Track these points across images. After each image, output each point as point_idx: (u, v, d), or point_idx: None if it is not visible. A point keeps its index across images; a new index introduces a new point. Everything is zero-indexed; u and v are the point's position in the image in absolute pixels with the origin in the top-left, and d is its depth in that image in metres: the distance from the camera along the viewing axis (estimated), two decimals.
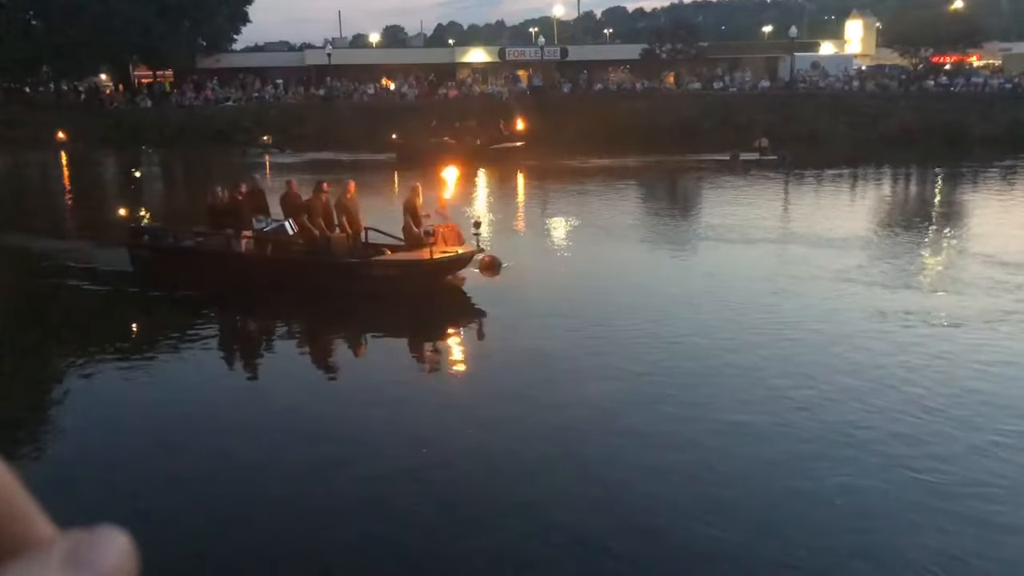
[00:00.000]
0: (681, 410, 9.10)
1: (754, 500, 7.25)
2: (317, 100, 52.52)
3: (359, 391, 10.16)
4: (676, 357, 10.88)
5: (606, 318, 12.64)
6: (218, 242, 15.06)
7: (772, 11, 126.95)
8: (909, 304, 13.19)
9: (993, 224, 20.81)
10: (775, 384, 9.77)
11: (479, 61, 63.52)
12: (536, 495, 7.33)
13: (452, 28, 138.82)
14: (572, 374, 10.27)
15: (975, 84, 47.39)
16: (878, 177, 32.24)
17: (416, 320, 13.23)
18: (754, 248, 17.82)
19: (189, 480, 7.79)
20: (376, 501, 7.27)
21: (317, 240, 14.52)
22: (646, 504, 7.23)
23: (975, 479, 7.48)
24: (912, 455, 7.91)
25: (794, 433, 8.48)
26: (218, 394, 10.20)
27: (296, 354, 12.26)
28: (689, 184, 30.29)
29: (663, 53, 52.56)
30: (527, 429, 8.69)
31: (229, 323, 13.97)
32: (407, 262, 14.16)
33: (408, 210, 14.95)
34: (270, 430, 8.88)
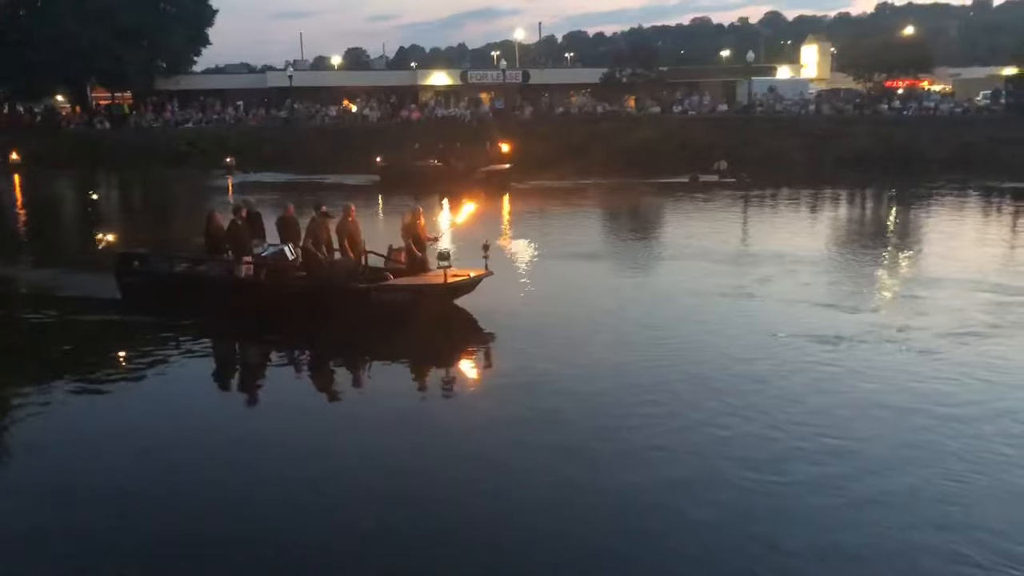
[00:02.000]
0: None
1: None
2: (278, 122, 52.34)
3: (366, 420, 9.86)
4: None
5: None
6: (217, 268, 14.59)
7: (730, 36, 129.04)
8: (832, 320, 13.39)
9: (942, 245, 21.35)
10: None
11: (441, 84, 63.83)
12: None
13: (414, 51, 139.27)
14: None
15: (927, 108, 48.59)
16: (834, 198, 32.79)
17: (425, 345, 12.65)
18: (717, 265, 18.06)
19: (178, 511, 7.61)
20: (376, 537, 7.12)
21: (322, 265, 14.03)
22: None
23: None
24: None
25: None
26: (219, 424, 9.78)
27: (301, 383, 11.74)
28: (653, 206, 30.58)
29: (623, 77, 53.22)
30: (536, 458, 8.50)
31: (229, 352, 13.41)
32: (421, 286, 13.80)
33: (409, 233, 14.68)
34: (269, 461, 8.64)
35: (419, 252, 14.55)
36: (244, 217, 14.69)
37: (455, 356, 12.34)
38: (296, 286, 14.02)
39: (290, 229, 14.93)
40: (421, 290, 13.69)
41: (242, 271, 14.28)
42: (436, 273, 13.49)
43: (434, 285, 13.48)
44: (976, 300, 14.55)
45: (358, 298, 13.56)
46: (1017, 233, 24.01)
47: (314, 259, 14.03)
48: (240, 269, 14.27)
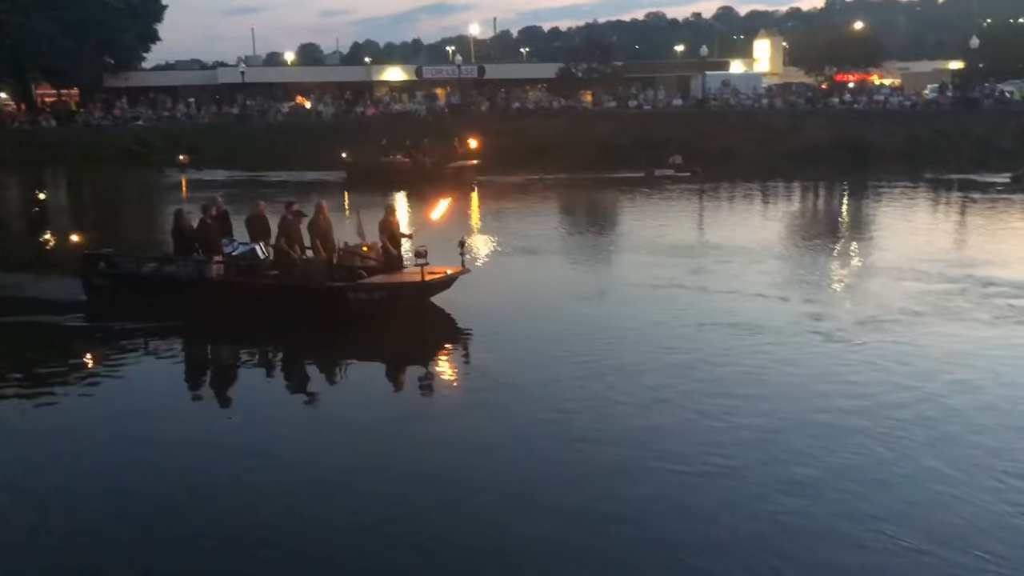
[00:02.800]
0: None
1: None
2: (231, 119, 51.61)
3: (341, 421, 9.75)
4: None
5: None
6: (187, 268, 14.32)
7: (684, 31, 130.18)
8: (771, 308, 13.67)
9: (885, 236, 21.92)
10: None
11: (396, 79, 63.45)
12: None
13: (368, 46, 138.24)
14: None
15: (877, 101, 49.33)
16: (788, 191, 33.23)
17: (400, 343, 12.54)
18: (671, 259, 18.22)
19: (146, 517, 7.47)
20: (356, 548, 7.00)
21: (296, 264, 13.83)
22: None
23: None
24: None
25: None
26: (188, 428, 9.59)
27: (274, 384, 11.60)
28: (608, 202, 30.70)
29: (579, 72, 53.34)
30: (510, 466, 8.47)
31: (200, 354, 13.18)
32: (397, 284, 13.67)
33: (384, 231, 14.55)
34: (242, 464, 8.50)
35: (394, 249, 14.42)
36: (214, 215, 14.45)
37: (432, 354, 12.28)
38: (269, 285, 13.83)
39: (260, 227, 14.70)
40: (398, 288, 13.55)
41: (212, 271, 14.02)
42: (413, 271, 13.39)
43: (411, 283, 13.36)
44: (907, 290, 14.92)
45: (334, 297, 13.39)
46: (957, 224, 24.54)
47: (287, 258, 13.84)
48: (210, 269, 14.01)
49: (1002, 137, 40.64)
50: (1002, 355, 11.34)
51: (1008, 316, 13.18)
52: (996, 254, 18.55)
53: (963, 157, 38.24)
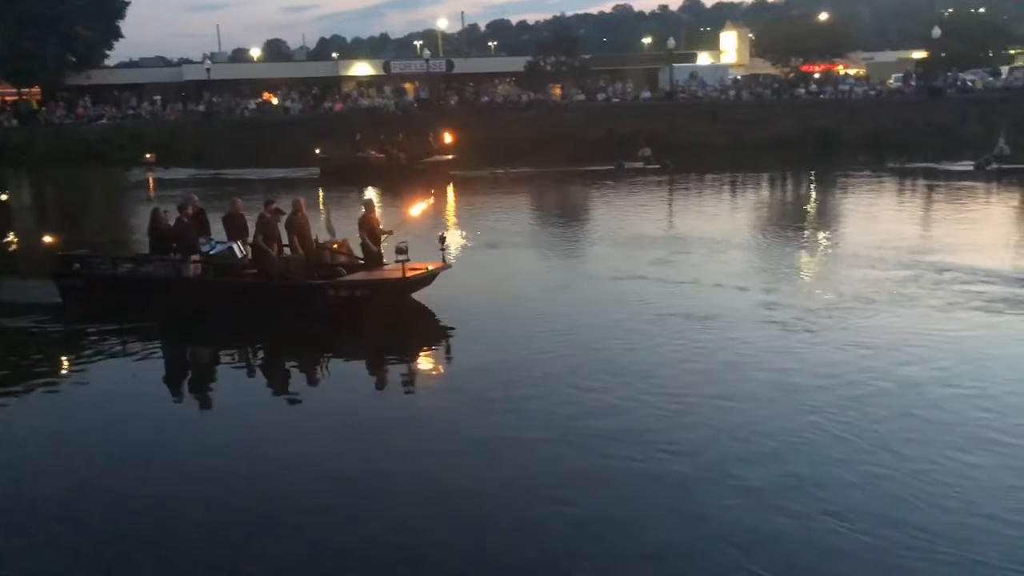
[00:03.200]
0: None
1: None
2: (197, 116, 51.06)
3: (321, 421, 9.63)
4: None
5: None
6: (163, 267, 14.11)
7: (651, 23, 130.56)
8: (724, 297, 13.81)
9: (848, 225, 22.30)
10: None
11: (364, 74, 63.13)
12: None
13: (335, 42, 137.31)
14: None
15: (842, 91, 49.80)
16: (755, 182, 33.47)
17: (382, 340, 12.49)
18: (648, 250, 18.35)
19: (116, 527, 7.35)
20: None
21: (274, 262, 13.68)
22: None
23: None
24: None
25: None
26: (168, 431, 9.48)
27: (255, 384, 11.43)
28: (578, 195, 30.78)
29: (547, 65, 53.35)
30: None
31: (178, 355, 12.97)
32: (378, 281, 13.56)
33: (364, 228, 14.45)
34: (220, 465, 8.42)
35: (374, 246, 14.33)
36: (190, 214, 14.26)
37: (413, 352, 12.24)
38: (248, 284, 13.69)
39: (238, 226, 14.56)
40: (379, 285, 13.45)
41: (190, 270, 13.86)
42: (393, 267, 13.30)
43: (392, 280, 13.29)
44: (864, 277, 15.17)
45: (314, 295, 13.29)
46: (919, 212, 24.89)
47: (266, 256, 13.71)
48: (188, 268, 13.85)
49: (965, 125, 41.18)
50: (949, 340, 11.52)
51: (959, 302, 13.39)
52: (954, 241, 18.79)
53: (927, 146, 38.71)
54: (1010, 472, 7.75)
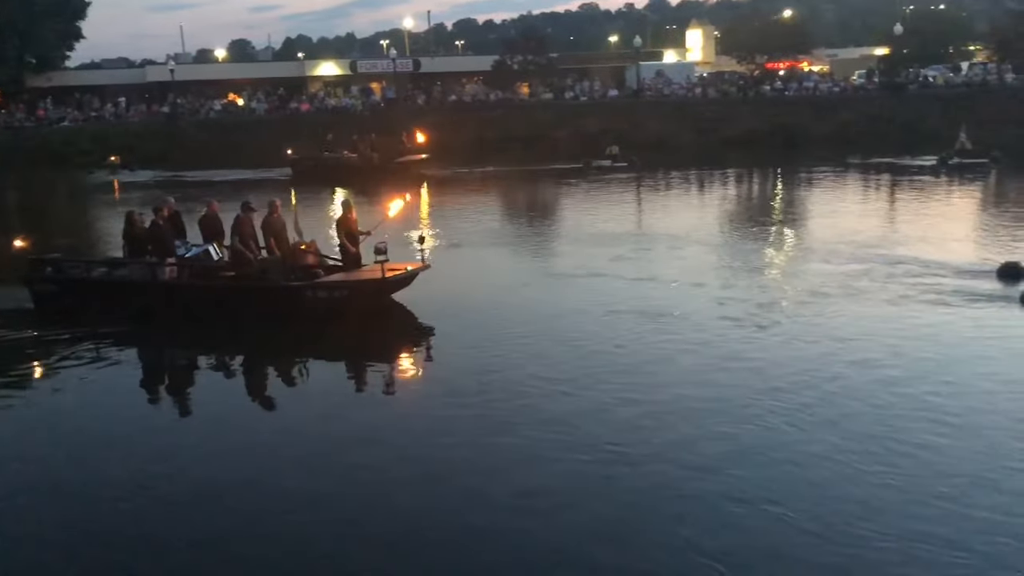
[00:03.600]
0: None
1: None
2: (162, 118, 50.47)
3: (299, 425, 9.53)
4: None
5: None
6: (139, 271, 13.93)
7: (617, 21, 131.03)
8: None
9: (809, 221, 22.58)
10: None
11: (330, 74, 62.77)
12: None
13: (301, 41, 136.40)
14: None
15: (807, 88, 50.25)
16: (722, 179, 33.70)
17: (361, 342, 12.49)
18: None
19: (89, 536, 7.24)
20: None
21: (252, 264, 13.56)
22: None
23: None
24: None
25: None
26: (143, 437, 9.31)
27: (234, 389, 11.32)
28: (547, 194, 30.85)
29: (515, 64, 53.29)
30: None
31: (154, 360, 12.79)
32: (357, 282, 13.48)
33: (342, 228, 14.35)
34: (197, 474, 8.30)
35: (352, 247, 14.25)
36: (166, 216, 14.08)
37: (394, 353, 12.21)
38: (225, 286, 13.55)
39: (213, 227, 14.43)
40: (358, 286, 13.38)
41: (166, 273, 13.68)
42: (373, 268, 13.21)
43: (371, 280, 13.21)
44: (820, 272, 15.42)
45: (293, 296, 13.18)
46: (881, 207, 25.21)
47: (243, 258, 13.60)
48: (163, 271, 13.68)
49: (927, 121, 41.70)
50: (900, 332, 11.69)
51: (910, 295, 13.57)
52: (911, 235, 19.00)
53: (891, 141, 39.19)
54: (960, 454, 7.97)
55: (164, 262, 13.67)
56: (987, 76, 48.24)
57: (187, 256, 13.98)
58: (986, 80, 47.52)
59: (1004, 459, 7.85)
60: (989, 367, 10.27)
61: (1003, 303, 12.98)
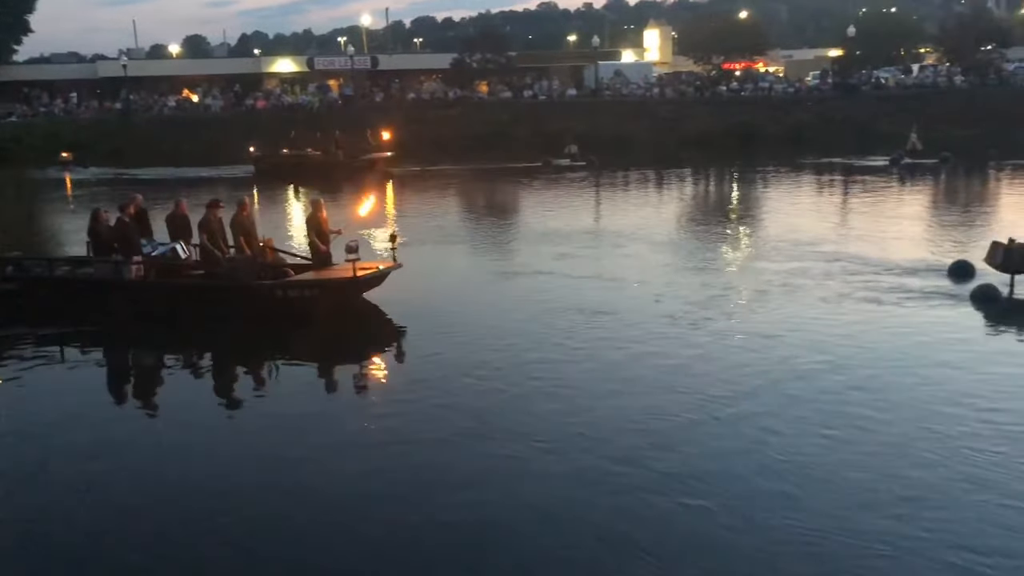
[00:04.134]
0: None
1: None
2: (114, 114, 49.59)
3: (271, 426, 9.31)
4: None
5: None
6: (104, 269, 13.58)
7: (576, 21, 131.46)
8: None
9: (765, 218, 22.87)
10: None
11: (287, 71, 62.19)
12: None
13: (257, 38, 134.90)
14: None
15: (762, 88, 50.90)
16: (679, 178, 33.96)
17: (333, 341, 12.35)
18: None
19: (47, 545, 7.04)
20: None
21: (220, 263, 13.31)
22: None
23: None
24: None
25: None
26: (107, 440, 9.05)
27: (201, 390, 10.98)
28: (506, 192, 30.86)
29: (473, 62, 53.25)
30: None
31: (121, 361, 12.47)
32: (327, 281, 13.31)
33: (312, 226, 14.16)
34: (165, 476, 8.10)
35: (323, 246, 14.08)
36: (132, 214, 13.74)
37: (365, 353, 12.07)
38: (193, 285, 13.33)
39: (181, 226, 14.16)
40: (328, 285, 13.21)
41: (132, 271, 13.37)
42: (344, 267, 13.04)
43: (342, 279, 13.05)
44: (763, 270, 15.59)
45: (262, 296, 12.98)
46: (831, 206, 25.51)
47: (212, 256, 13.37)
48: (130, 270, 13.36)
49: (880, 122, 42.50)
50: (841, 329, 11.84)
51: (847, 292, 13.75)
52: (863, 234, 19.21)
53: (844, 141, 39.83)
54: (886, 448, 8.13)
55: (130, 260, 13.39)
56: (937, 78, 49.31)
57: (154, 255, 13.75)
58: (936, 82, 48.58)
59: (911, 455, 7.99)
60: (927, 364, 10.42)
61: (953, 301, 13.21)
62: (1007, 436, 8.26)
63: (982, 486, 7.30)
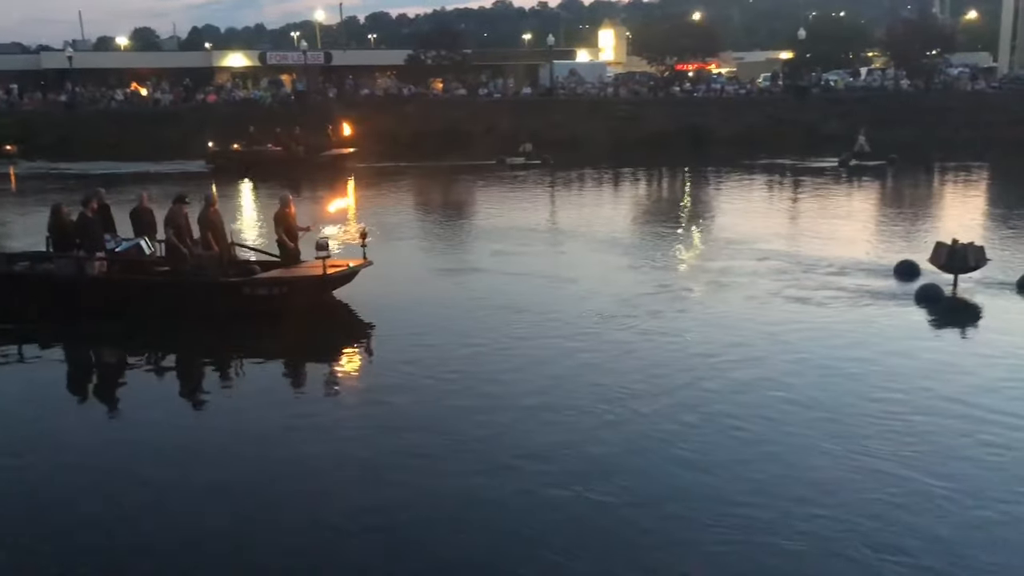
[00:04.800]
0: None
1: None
2: (59, 107, 48.43)
3: (236, 426, 9.22)
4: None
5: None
6: (66, 266, 13.27)
7: (531, 20, 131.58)
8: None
9: (708, 217, 23.25)
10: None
11: (239, 65, 61.33)
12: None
13: (208, 31, 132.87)
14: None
15: (715, 90, 51.40)
16: (633, 178, 34.20)
17: (301, 339, 12.24)
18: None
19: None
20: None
21: (187, 259, 13.09)
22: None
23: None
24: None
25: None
26: (69, 439, 8.91)
27: (166, 389, 10.83)
28: (460, 191, 30.76)
29: (428, 59, 52.99)
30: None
31: (81, 357, 12.25)
32: (296, 278, 13.16)
33: (280, 223, 13.96)
34: (125, 477, 7.97)
35: (291, 243, 13.94)
36: (94, 208, 13.47)
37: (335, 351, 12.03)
38: (158, 282, 13.08)
39: (145, 221, 13.99)
40: (298, 282, 13.11)
41: (95, 268, 13.10)
42: (314, 264, 12.95)
43: (312, 277, 12.96)
44: (696, 268, 16.00)
45: (230, 293, 12.81)
46: (777, 206, 25.99)
47: (178, 252, 13.14)
48: (92, 266, 13.09)
49: (829, 123, 43.18)
50: (758, 325, 12.17)
51: (776, 290, 14.07)
52: (811, 234, 19.63)
53: (794, 143, 40.41)
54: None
55: (93, 256, 13.14)
56: (884, 81, 50.27)
57: (117, 250, 13.51)
58: (884, 85, 49.52)
59: (817, 449, 8.18)
60: (856, 361, 10.68)
61: (898, 301, 13.47)
62: (915, 432, 8.48)
63: (881, 481, 7.48)
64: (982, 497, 7.22)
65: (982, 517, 6.94)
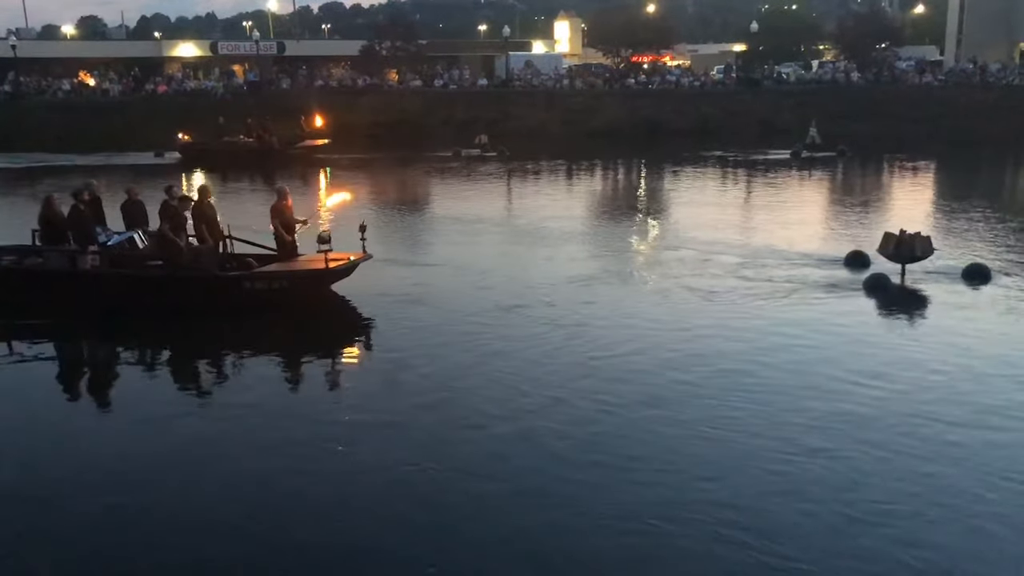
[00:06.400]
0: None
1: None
2: (2, 97, 47.23)
3: (235, 424, 9.04)
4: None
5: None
6: (57, 259, 12.96)
7: (486, 10, 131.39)
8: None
9: (657, 209, 23.37)
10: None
11: (189, 55, 60.34)
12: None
13: (158, 20, 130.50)
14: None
15: (669, 82, 51.75)
16: (588, 170, 34.32)
17: (300, 334, 12.13)
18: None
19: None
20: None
21: (183, 252, 12.84)
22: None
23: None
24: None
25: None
26: (60, 439, 8.70)
27: (160, 386, 10.56)
28: (417, 183, 30.63)
29: (383, 50, 52.60)
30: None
31: (74, 356, 11.95)
32: (298, 272, 12.97)
33: (276, 216, 13.70)
34: (118, 477, 7.82)
35: (288, 236, 13.75)
36: (86, 201, 13.23)
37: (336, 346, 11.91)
38: (153, 276, 12.83)
39: (136, 214, 13.76)
40: (299, 276, 12.93)
41: (87, 262, 12.81)
42: (315, 257, 12.76)
43: (313, 270, 12.79)
44: (627, 258, 16.20)
45: (228, 287, 12.61)
46: (727, 198, 26.24)
47: (174, 246, 12.87)
48: (84, 259, 12.80)
49: (781, 116, 43.74)
50: (686, 316, 12.35)
51: (729, 281, 14.22)
52: (758, 225, 19.91)
53: (747, 135, 40.87)
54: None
55: (85, 250, 12.87)
56: (836, 74, 50.98)
57: (110, 244, 13.27)
58: (835, 78, 50.21)
59: (761, 441, 8.24)
60: (812, 346, 10.88)
61: (847, 290, 13.71)
62: (854, 421, 8.63)
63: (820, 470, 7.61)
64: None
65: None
